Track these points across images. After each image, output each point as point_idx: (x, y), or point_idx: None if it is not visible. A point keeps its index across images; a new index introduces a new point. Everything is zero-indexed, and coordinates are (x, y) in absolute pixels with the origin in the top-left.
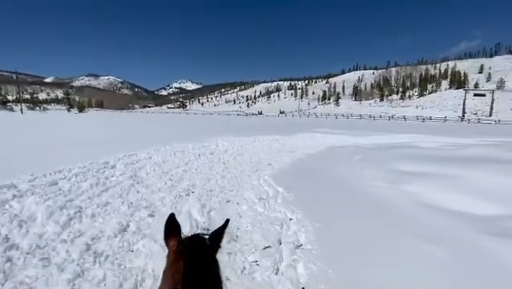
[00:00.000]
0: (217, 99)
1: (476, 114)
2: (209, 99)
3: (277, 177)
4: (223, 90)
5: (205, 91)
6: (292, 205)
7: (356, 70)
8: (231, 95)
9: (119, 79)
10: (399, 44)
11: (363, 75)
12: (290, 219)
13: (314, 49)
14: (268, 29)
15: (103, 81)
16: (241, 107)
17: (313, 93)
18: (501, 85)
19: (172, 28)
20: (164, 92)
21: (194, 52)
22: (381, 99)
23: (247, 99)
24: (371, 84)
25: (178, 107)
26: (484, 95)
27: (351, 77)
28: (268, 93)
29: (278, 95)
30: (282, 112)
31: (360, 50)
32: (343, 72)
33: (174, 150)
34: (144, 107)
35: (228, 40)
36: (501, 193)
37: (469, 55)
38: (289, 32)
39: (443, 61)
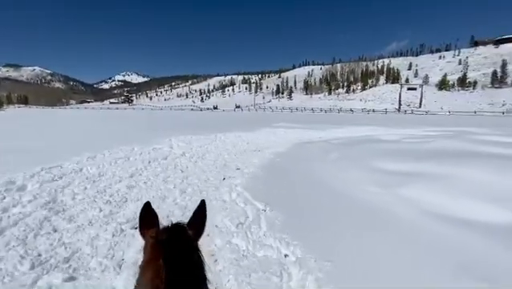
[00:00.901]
0: (168, 93)
1: (409, 106)
2: (159, 93)
3: (250, 186)
4: (174, 83)
5: (154, 84)
6: (283, 233)
7: (306, 65)
8: (183, 88)
9: (48, 71)
10: (342, 42)
11: (312, 70)
12: (286, 256)
13: (266, 44)
14: (220, 22)
15: (26, 72)
16: (194, 102)
17: (267, 87)
18: (426, 80)
19: (112, 16)
20: (105, 86)
21: (139, 43)
22: (329, 93)
23: (201, 93)
24: (320, 79)
25: (123, 102)
26: (415, 88)
27: (301, 72)
28: (222, 87)
29: (233, 89)
30: (237, 107)
31: (309, 47)
32: (293, 67)
33: (116, 157)
34: (82, 102)
35: (177, 31)
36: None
37: (400, 54)
38: (241, 27)
39: (379, 58)
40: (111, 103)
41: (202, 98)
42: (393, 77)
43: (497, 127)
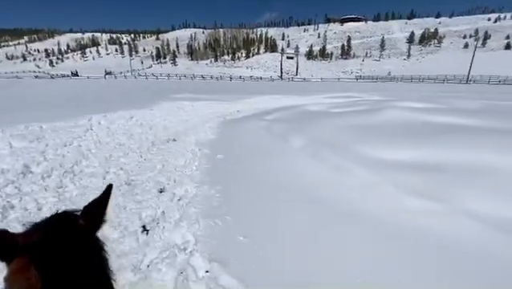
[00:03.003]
0: None
1: (288, 73)
2: None
3: (218, 249)
4: None
5: None
6: None
7: (187, 27)
8: (16, 47)
9: None
10: (222, 6)
11: (195, 33)
12: None
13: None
14: None
15: None
16: (39, 66)
17: (144, 50)
18: (297, 51)
19: None
20: None
21: None
22: (215, 60)
23: (48, 55)
24: (204, 44)
25: None
26: (293, 58)
27: (183, 35)
28: (82, 47)
29: (98, 51)
30: (108, 73)
31: (189, 8)
32: (173, 29)
33: None
34: None
35: None
36: None
37: (274, 24)
38: None
39: (257, 27)
40: None
41: (52, 61)
42: (271, 46)
43: (376, 91)
